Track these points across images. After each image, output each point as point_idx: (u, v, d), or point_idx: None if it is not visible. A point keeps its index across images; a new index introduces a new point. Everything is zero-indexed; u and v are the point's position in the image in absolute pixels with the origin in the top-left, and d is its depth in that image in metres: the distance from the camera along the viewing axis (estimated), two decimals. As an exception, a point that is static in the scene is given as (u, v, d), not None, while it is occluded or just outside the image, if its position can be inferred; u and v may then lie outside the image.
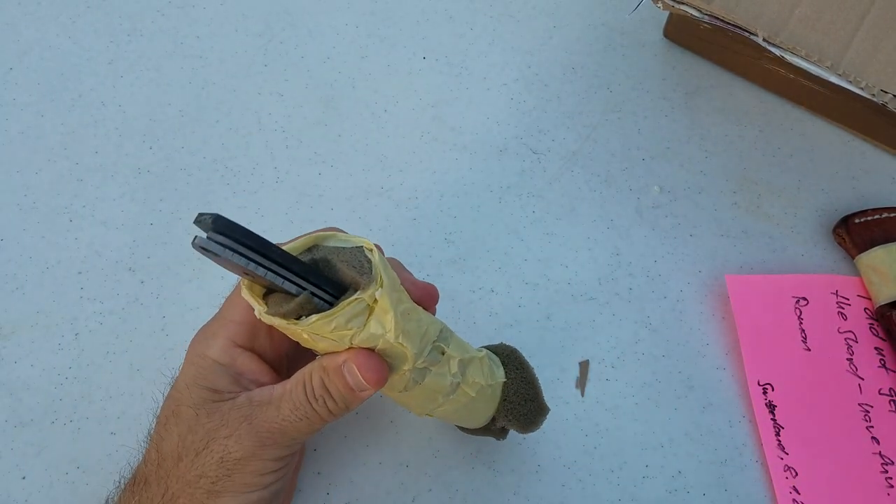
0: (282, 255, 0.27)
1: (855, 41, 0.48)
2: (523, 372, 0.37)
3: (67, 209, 0.49)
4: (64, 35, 0.56)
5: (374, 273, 0.29)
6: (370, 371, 0.29)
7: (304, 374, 0.31)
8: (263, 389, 0.31)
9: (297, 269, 0.28)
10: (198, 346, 0.33)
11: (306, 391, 0.30)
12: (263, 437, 0.30)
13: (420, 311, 0.32)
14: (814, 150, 0.54)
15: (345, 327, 0.28)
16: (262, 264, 0.26)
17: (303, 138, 0.53)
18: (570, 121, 0.55)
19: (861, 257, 0.48)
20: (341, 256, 0.30)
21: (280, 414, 0.30)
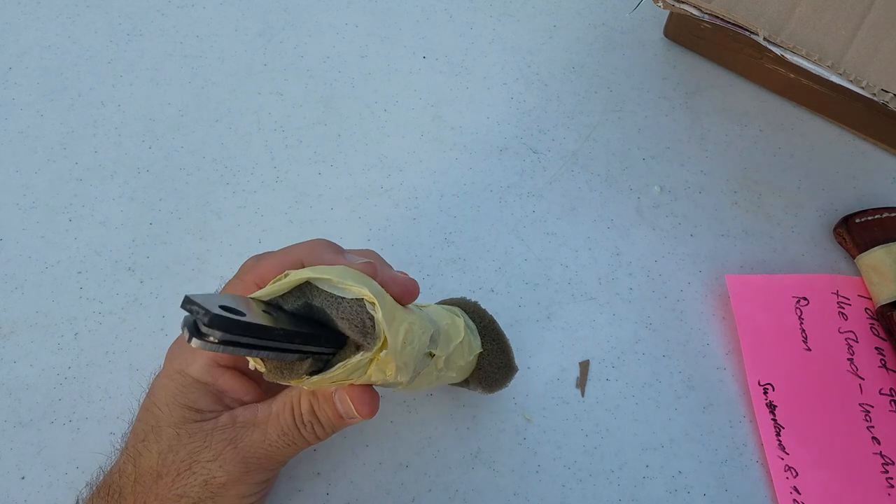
0: (283, 335, 0.26)
1: (855, 40, 0.48)
2: (499, 343, 0.40)
3: (67, 209, 0.49)
4: (63, 34, 0.56)
5: (378, 333, 0.28)
6: (363, 404, 0.29)
7: (293, 399, 0.30)
8: (247, 409, 0.31)
9: (299, 342, 0.27)
10: (177, 361, 0.31)
11: (294, 417, 0.30)
12: (249, 463, 0.30)
13: (415, 325, 0.31)
14: (814, 150, 0.54)
15: (346, 378, 0.28)
16: (265, 347, 0.25)
17: (302, 138, 0.53)
18: (570, 120, 0.55)
19: (861, 257, 0.48)
20: (341, 311, 0.28)
21: (267, 439, 0.30)
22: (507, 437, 0.43)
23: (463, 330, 0.37)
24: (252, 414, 0.30)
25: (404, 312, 0.31)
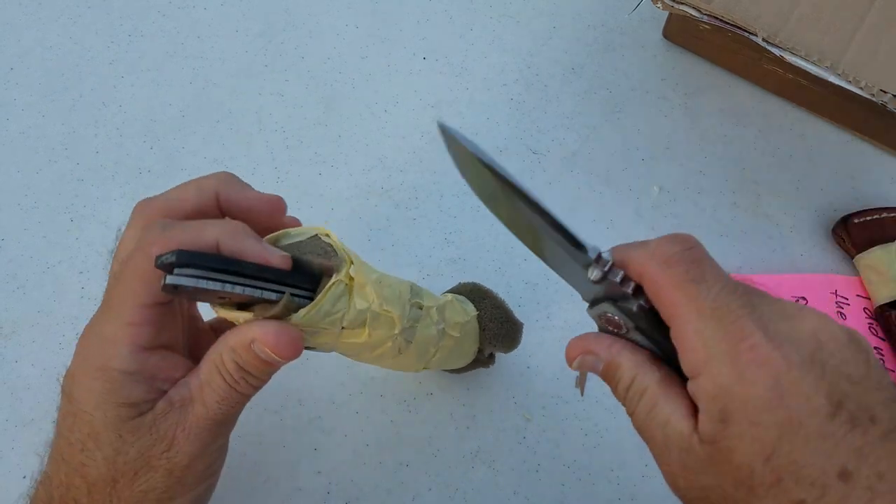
0: (254, 268, 0.27)
1: (854, 41, 0.48)
2: (490, 300, 0.40)
3: (68, 209, 0.49)
4: (65, 35, 0.57)
5: (341, 254, 0.30)
6: (282, 347, 0.28)
7: (216, 361, 0.29)
8: (179, 387, 0.29)
9: (272, 276, 0.28)
10: (94, 357, 0.28)
11: (224, 378, 0.29)
12: (202, 436, 0.29)
13: (388, 277, 0.33)
14: (813, 151, 0.55)
15: (333, 312, 0.29)
16: (238, 283, 0.26)
17: (303, 138, 0.53)
18: (569, 121, 0.55)
19: (860, 257, 0.48)
20: (302, 249, 0.30)
21: (208, 409, 0.29)
22: (507, 436, 0.43)
23: (450, 297, 0.38)
24: (185, 390, 0.29)
25: (379, 271, 0.33)
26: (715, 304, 0.23)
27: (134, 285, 0.28)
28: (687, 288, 0.24)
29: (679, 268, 0.24)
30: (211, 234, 0.27)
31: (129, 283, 0.28)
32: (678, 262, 0.25)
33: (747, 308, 0.23)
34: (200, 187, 0.31)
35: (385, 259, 0.49)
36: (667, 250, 0.25)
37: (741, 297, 0.23)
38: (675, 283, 0.24)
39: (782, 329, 0.23)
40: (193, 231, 0.27)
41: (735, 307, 0.23)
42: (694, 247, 0.25)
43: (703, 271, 0.24)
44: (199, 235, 0.27)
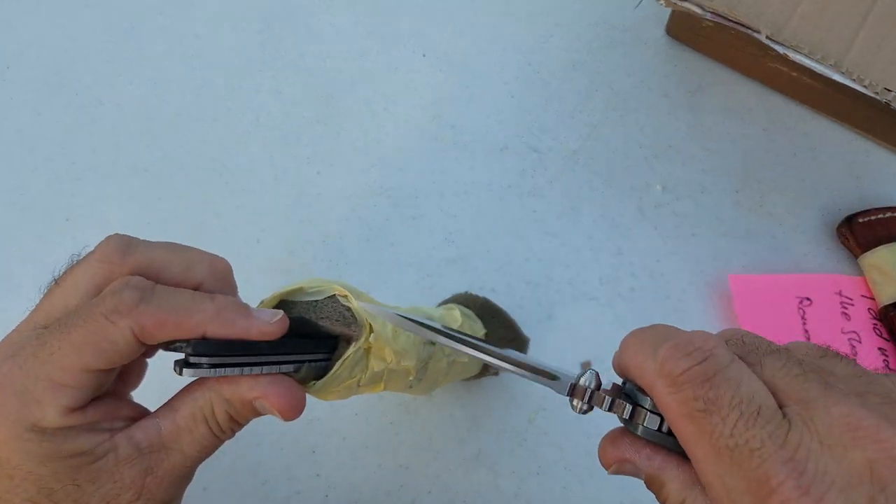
0: (269, 346, 0.26)
1: (858, 39, 0.47)
2: (499, 318, 0.40)
3: (64, 208, 0.49)
4: (62, 33, 0.56)
5: (360, 321, 0.29)
6: (289, 410, 0.26)
7: (203, 410, 0.26)
8: (147, 429, 0.26)
9: (289, 349, 0.27)
10: (18, 415, 0.24)
11: (212, 428, 0.26)
12: (177, 483, 0.27)
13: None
14: (817, 149, 0.54)
15: (350, 377, 0.29)
16: (256, 363, 0.26)
17: (302, 137, 0.53)
18: (571, 119, 0.55)
19: (865, 257, 0.48)
20: (319, 312, 0.28)
21: (186, 457, 0.26)
22: (508, 438, 0.43)
23: (460, 317, 0.38)
24: (155, 434, 0.26)
25: (387, 307, 0.31)
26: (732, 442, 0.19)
27: (83, 346, 0.24)
28: (698, 420, 0.19)
29: (688, 391, 0.20)
30: (199, 319, 0.25)
31: (75, 342, 0.24)
32: (687, 383, 0.20)
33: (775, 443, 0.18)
34: (189, 269, 0.27)
35: (385, 259, 0.48)
36: (674, 367, 0.20)
37: (763, 425, 0.19)
38: (685, 412, 0.20)
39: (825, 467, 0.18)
40: (179, 314, 0.25)
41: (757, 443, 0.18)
42: (707, 358, 0.20)
43: (717, 395, 0.19)
44: (184, 319, 0.25)
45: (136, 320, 0.24)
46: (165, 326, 0.25)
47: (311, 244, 0.49)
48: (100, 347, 0.24)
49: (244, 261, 0.48)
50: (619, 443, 0.23)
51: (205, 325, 0.25)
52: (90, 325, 0.24)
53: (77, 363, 0.24)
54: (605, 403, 0.22)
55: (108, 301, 0.25)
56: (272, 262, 0.48)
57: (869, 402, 0.18)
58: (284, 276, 0.47)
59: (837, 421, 0.18)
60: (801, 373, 0.19)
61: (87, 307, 0.25)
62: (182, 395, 0.27)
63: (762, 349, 0.21)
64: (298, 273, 0.48)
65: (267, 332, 0.26)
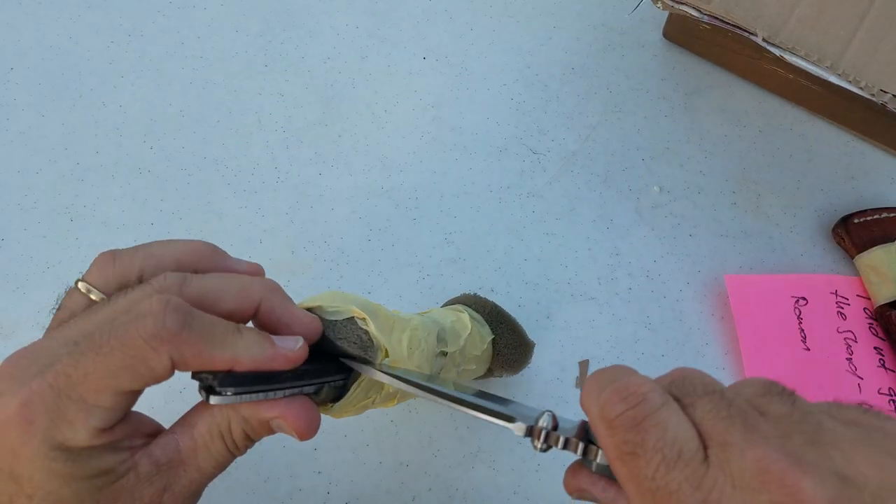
0: (291, 374, 0.27)
1: (854, 41, 0.48)
2: (507, 324, 0.41)
3: (68, 209, 0.49)
4: (65, 35, 0.57)
5: (376, 345, 0.29)
6: (306, 430, 0.27)
7: (221, 427, 0.26)
8: (165, 446, 0.26)
9: (309, 374, 0.28)
10: (45, 433, 0.23)
11: (228, 445, 0.27)
12: (189, 500, 0.27)
13: (418, 331, 0.33)
14: (813, 151, 0.55)
15: (365, 398, 0.30)
16: (278, 388, 0.26)
17: (303, 138, 0.53)
18: (569, 121, 0.55)
19: (860, 257, 0.48)
20: (338, 333, 0.29)
21: (203, 474, 0.26)
22: (507, 435, 0.43)
23: (469, 322, 0.38)
24: (173, 450, 0.26)
25: (403, 321, 0.32)
26: (654, 485, 0.20)
27: (120, 370, 0.24)
28: (628, 463, 0.21)
29: (619, 436, 0.21)
30: (231, 354, 0.25)
31: (113, 365, 0.24)
32: (619, 427, 0.21)
33: (691, 486, 0.19)
34: (245, 290, 0.27)
35: (385, 259, 0.49)
36: (610, 411, 0.22)
37: (682, 469, 0.20)
38: (617, 455, 0.21)
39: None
40: (215, 347, 0.25)
41: (675, 486, 0.20)
42: (638, 404, 0.21)
43: (643, 439, 0.21)
44: (219, 353, 0.25)
45: (177, 348, 0.24)
46: (201, 358, 0.25)
47: (312, 244, 0.49)
48: (137, 372, 0.24)
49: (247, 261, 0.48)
50: (577, 475, 0.25)
51: (233, 364, 0.25)
52: (129, 349, 0.24)
53: (112, 386, 0.24)
54: (560, 443, 0.24)
55: (149, 325, 0.24)
56: (274, 263, 0.48)
57: (789, 443, 0.19)
58: (287, 276, 0.48)
59: (750, 465, 0.19)
60: (727, 415, 0.20)
61: (125, 328, 0.24)
62: (199, 412, 0.27)
63: (698, 391, 0.22)
64: (300, 273, 0.48)
65: (290, 361, 0.26)
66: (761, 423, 0.20)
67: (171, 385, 0.27)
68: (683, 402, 0.22)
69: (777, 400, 0.21)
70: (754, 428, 0.20)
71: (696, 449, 0.20)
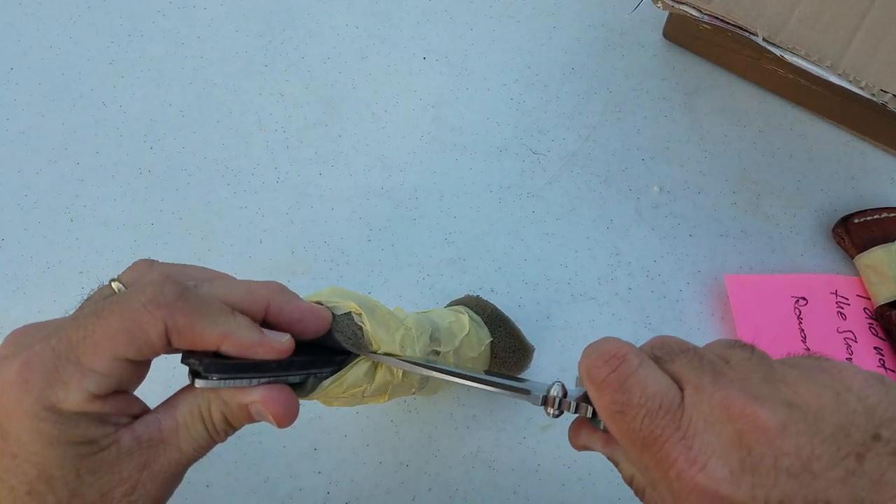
0: (277, 365, 0.27)
1: (855, 41, 0.48)
2: (506, 327, 0.41)
3: (68, 209, 0.49)
4: (65, 35, 0.57)
5: (368, 341, 0.30)
6: (284, 417, 0.27)
7: (201, 409, 0.27)
8: (148, 424, 0.27)
9: (297, 365, 0.28)
10: (39, 393, 0.24)
11: (208, 428, 0.27)
12: (170, 480, 0.27)
13: (412, 330, 0.33)
14: (813, 151, 0.55)
15: (356, 385, 0.30)
16: (263, 376, 0.27)
17: (303, 138, 0.53)
18: (569, 121, 0.55)
19: (860, 257, 0.48)
20: (335, 326, 0.30)
21: (183, 454, 0.27)
22: (507, 436, 0.43)
23: (468, 324, 0.38)
24: (156, 429, 0.27)
25: (398, 320, 0.33)
26: (642, 434, 0.23)
27: (117, 333, 0.25)
28: (616, 419, 0.24)
29: (607, 396, 0.24)
30: (220, 332, 0.26)
31: (111, 328, 0.25)
32: (606, 387, 0.24)
33: (671, 428, 0.23)
34: (252, 293, 0.28)
35: (385, 259, 0.49)
36: (596, 374, 0.25)
37: (663, 416, 0.23)
38: (607, 413, 0.24)
39: (707, 440, 0.22)
40: (206, 321, 0.26)
41: (659, 432, 0.23)
42: (620, 364, 0.24)
43: (628, 397, 0.24)
44: (209, 329, 0.26)
45: (171, 315, 0.25)
46: (193, 329, 0.25)
47: (312, 244, 0.49)
48: (133, 336, 0.25)
49: (247, 261, 0.48)
50: (577, 432, 0.28)
51: (221, 341, 0.26)
52: (127, 312, 0.25)
53: (109, 349, 0.25)
54: (571, 408, 0.27)
55: (147, 291, 0.25)
56: (275, 263, 0.48)
57: (748, 384, 0.23)
58: (287, 276, 0.48)
59: (717, 402, 0.22)
60: (699, 365, 0.24)
61: (126, 295, 0.26)
62: (182, 394, 0.28)
63: (675, 350, 0.25)
64: (300, 273, 0.48)
65: (276, 351, 0.27)
66: (726, 370, 0.23)
67: (171, 385, 0.27)
68: (663, 360, 0.25)
69: (739, 350, 0.25)
70: (721, 374, 0.23)
71: (673, 397, 0.23)
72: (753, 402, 0.22)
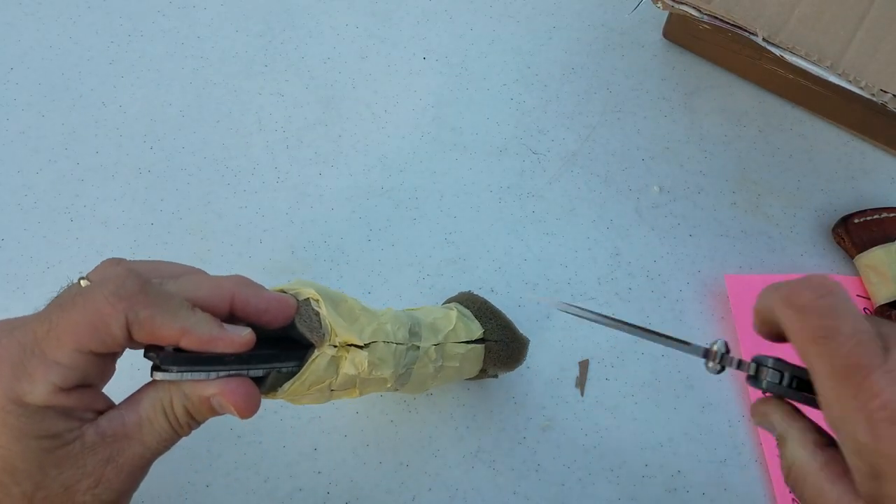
0: (237, 359, 0.28)
1: (854, 41, 0.48)
2: (497, 319, 0.40)
3: (68, 209, 0.49)
4: (65, 35, 0.57)
5: (325, 327, 0.31)
6: (245, 409, 0.28)
7: (163, 403, 0.28)
8: (112, 419, 0.27)
9: (257, 359, 0.29)
10: (5, 386, 0.25)
11: (171, 422, 0.28)
12: (135, 474, 0.28)
13: (387, 325, 0.34)
14: (813, 151, 0.55)
15: (320, 381, 0.31)
16: (223, 369, 0.28)
17: (303, 138, 0.53)
18: (569, 121, 0.55)
19: (860, 257, 0.48)
20: (297, 311, 0.30)
21: (146, 448, 0.27)
22: (507, 436, 0.43)
23: (455, 318, 0.38)
24: (119, 423, 0.27)
25: (371, 314, 0.33)
26: (847, 362, 0.23)
27: (80, 326, 0.25)
28: (820, 344, 0.24)
29: (812, 320, 0.24)
30: (179, 327, 0.26)
31: (73, 321, 0.25)
32: (812, 311, 0.24)
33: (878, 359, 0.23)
34: (219, 287, 0.29)
35: (385, 259, 0.49)
36: (800, 297, 0.25)
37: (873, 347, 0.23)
38: (809, 336, 0.24)
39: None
40: (166, 316, 0.26)
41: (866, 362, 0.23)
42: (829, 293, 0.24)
43: (837, 325, 0.24)
44: (168, 323, 0.26)
45: (132, 308, 0.26)
46: (153, 322, 0.26)
47: (312, 244, 0.49)
48: (95, 328, 0.25)
49: (246, 261, 0.48)
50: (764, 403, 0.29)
51: (181, 336, 0.27)
52: (89, 304, 0.25)
53: (72, 341, 0.25)
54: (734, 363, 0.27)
55: (110, 285, 0.26)
56: (274, 263, 0.48)
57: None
58: (287, 276, 0.48)
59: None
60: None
61: (89, 289, 0.26)
62: (145, 389, 0.28)
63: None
64: (300, 273, 0.48)
65: (235, 344, 0.28)
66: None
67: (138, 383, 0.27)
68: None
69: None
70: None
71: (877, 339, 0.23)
72: None
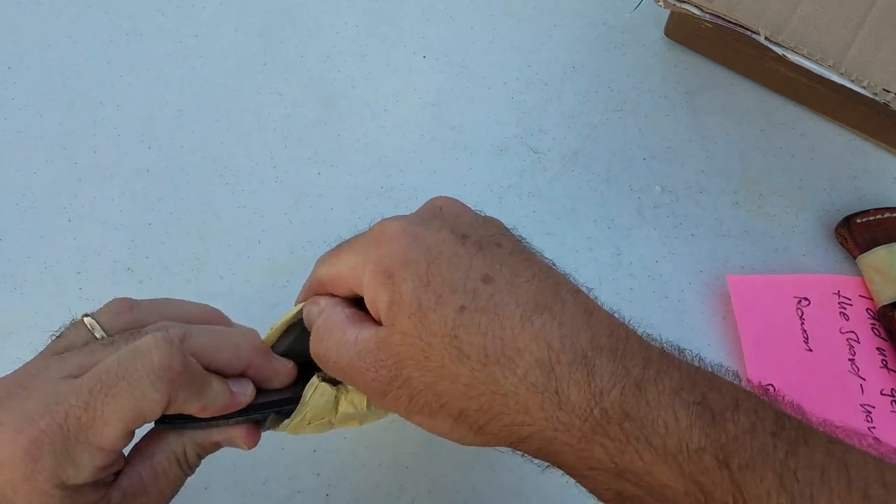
0: (230, 414, 0.30)
1: (857, 40, 0.48)
2: None
3: (66, 209, 0.49)
4: (63, 34, 0.56)
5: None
6: (250, 444, 0.31)
7: (177, 454, 0.29)
8: (131, 477, 0.28)
9: (256, 411, 0.31)
10: (51, 472, 0.25)
11: (184, 469, 0.30)
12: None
13: None
14: (815, 150, 0.54)
15: (319, 417, 0.31)
16: (223, 421, 0.30)
17: (302, 138, 0.53)
18: (570, 120, 0.55)
19: (863, 257, 0.48)
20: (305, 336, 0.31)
21: (162, 497, 0.29)
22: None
23: None
24: (138, 480, 0.28)
25: None
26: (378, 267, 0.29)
27: (126, 412, 0.26)
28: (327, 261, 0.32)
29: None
30: (202, 403, 0.28)
31: (120, 407, 0.26)
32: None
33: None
34: (238, 357, 0.31)
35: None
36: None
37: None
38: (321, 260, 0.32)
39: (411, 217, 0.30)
40: (197, 392, 0.28)
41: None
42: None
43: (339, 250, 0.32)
44: (196, 399, 0.28)
45: (175, 389, 0.27)
46: (188, 402, 0.28)
47: (312, 244, 0.49)
48: (141, 413, 0.26)
49: (245, 261, 0.48)
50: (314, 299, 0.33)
51: (203, 410, 0.29)
52: (136, 389, 0.26)
53: (119, 429, 0.26)
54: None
55: (154, 363, 0.26)
56: (274, 263, 0.48)
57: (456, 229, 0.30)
58: (286, 276, 0.47)
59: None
60: None
61: (132, 365, 0.26)
62: (155, 441, 0.30)
63: None
64: (300, 273, 0.48)
65: (241, 405, 0.30)
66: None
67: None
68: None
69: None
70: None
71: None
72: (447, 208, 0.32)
